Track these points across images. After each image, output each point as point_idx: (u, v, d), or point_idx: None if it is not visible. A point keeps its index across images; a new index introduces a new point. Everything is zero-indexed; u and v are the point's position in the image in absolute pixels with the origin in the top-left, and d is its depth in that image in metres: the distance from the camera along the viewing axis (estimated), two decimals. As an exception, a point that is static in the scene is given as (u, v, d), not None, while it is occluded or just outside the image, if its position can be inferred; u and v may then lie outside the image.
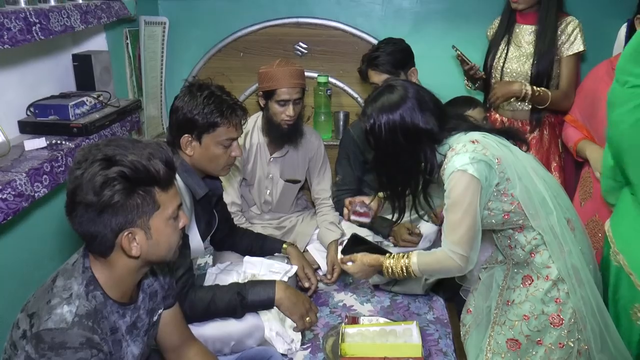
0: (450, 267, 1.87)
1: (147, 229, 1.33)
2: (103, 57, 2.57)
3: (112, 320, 1.38)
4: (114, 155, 1.28)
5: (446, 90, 2.80)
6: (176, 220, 1.40)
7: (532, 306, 1.93)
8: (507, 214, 1.88)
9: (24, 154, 2.04)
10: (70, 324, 1.27)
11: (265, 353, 1.88)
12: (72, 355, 1.25)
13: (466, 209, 1.80)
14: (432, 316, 2.39)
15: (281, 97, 2.55)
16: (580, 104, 2.46)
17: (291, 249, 2.47)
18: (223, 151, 1.99)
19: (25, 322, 1.29)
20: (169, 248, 1.40)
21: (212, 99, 1.94)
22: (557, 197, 1.94)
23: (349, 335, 2.15)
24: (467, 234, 1.83)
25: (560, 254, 1.89)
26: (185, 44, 3.28)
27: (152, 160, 1.30)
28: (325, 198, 2.86)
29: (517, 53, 2.58)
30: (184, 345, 1.69)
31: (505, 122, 2.72)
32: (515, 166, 1.85)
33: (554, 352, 1.92)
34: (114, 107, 2.45)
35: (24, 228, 2.06)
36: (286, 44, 3.24)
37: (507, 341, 1.96)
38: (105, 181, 1.25)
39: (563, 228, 1.89)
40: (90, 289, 1.34)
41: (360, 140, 2.74)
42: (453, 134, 1.90)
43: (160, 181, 1.32)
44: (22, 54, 2.22)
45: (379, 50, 2.61)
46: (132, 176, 1.27)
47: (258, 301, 1.96)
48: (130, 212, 1.29)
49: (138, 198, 1.29)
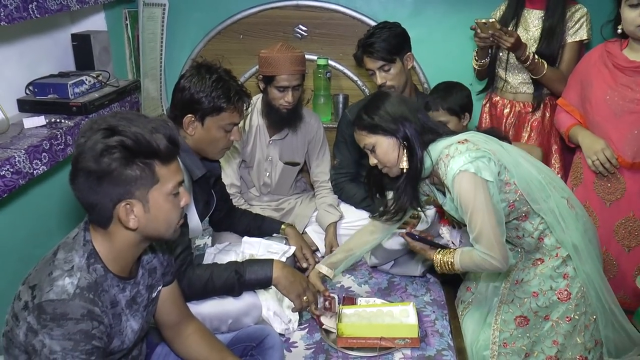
0: (489, 267, 1.87)
1: (145, 202, 1.33)
2: (102, 37, 2.57)
3: (112, 293, 1.39)
4: (117, 125, 1.29)
5: (445, 75, 2.81)
6: (177, 197, 1.40)
7: (541, 283, 1.97)
8: (512, 204, 1.90)
9: (23, 131, 2.05)
10: (71, 295, 1.28)
11: (262, 332, 1.88)
12: (73, 326, 1.26)
13: (481, 209, 1.78)
14: (429, 298, 2.40)
15: (280, 83, 2.54)
16: (574, 87, 2.45)
17: (289, 230, 2.47)
18: (223, 135, 1.99)
19: (27, 293, 1.30)
20: (167, 224, 1.40)
21: (220, 83, 1.94)
22: (552, 181, 1.96)
23: (346, 315, 2.17)
24: (493, 234, 1.81)
25: (563, 234, 1.91)
26: (185, 26, 3.26)
27: (154, 133, 1.31)
28: (324, 181, 2.86)
29: (524, 37, 2.57)
30: (182, 322, 1.70)
31: (507, 105, 2.71)
32: (507, 156, 1.87)
33: (561, 326, 1.96)
34: (113, 87, 2.45)
35: (23, 205, 2.07)
36: (286, 26, 3.22)
37: (516, 318, 2.01)
38: (105, 149, 1.26)
39: (562, 208, 1.92)
40: (91, 262, 1.35)
41: None
42: (441, 139, 1.91)
43: (160, 155, 1.32)
44: (21, 32, 2.22)
45: (374, 37, 2.54)
46: (132, 146, 1.28)
47: (255, 280, 1.97)
48: (129, 183, 1.30)
49: (137, 169, 1.30)
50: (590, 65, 2.37)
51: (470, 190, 1.78)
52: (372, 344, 2.03)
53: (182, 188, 1.41)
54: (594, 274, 1.95)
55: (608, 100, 2.27)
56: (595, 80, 2.32)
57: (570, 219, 1.94)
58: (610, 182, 2.32)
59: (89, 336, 1.28)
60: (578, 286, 1.94)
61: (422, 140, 1.89)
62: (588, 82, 2.35)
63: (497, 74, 2.73)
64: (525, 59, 2.48)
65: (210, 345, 1.69)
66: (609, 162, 2.25)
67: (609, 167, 2.26)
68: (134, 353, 1.59)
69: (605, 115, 2.29)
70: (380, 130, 1.90)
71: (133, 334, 1.48)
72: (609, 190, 2.33)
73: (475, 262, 1.87)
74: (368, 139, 1.93)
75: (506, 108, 2.72)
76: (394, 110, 1.90)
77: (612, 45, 2.30)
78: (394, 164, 1.93)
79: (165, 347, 1.81)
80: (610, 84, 2.27)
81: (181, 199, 1.41)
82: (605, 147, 2.26)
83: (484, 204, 1.78)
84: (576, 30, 2.53)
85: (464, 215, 1.83)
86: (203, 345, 1.68)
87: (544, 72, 2.50)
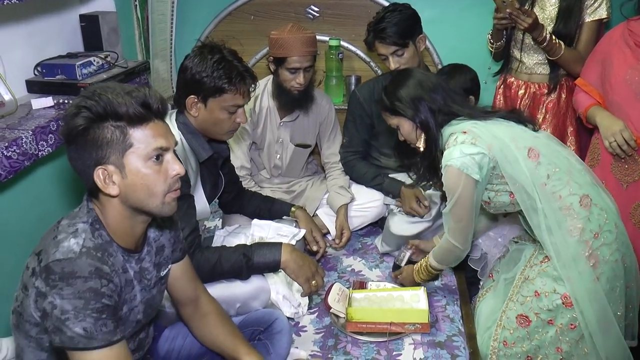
0: (453, 255, 2.08)
1: (122, 168, 1.31)
2: (110, 17, 2.55)
3: (119, 259, 1.38)
4: (94, 91, 1.30)
5: (460, 55, 2.76)
6: (159, 164, 1.34)
7: (543, 282, 1.91)
8: (512, 194, 1.91)
9: (31, 112, 2.05)
10: (77, 254, 1.27)
11: (270, 315, 1.87)
12: (82, 284, 1.25)
13: (457, 201, 1.91)
14: (440, 282, 2.38)
15: (292, 65, 2.50)
16: (593, 66, 2.37)
17: (299, 212, 2.45)
18: (227, 117, 1.96)
19: (34, 261, 1.30)
20: (148, 192, 1.34)
21: (222, 63, 1.90)
22: (571, 174, 1.90)
23: (356, 300, 2.15)
24: (457, 225, 1.98)
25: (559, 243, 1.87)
26: (196, 7, 3.22)
27: (126, 97, 1.29)
28: (335, 162, 2.83)
29: (541, 16, 2.50)
30: (198, 299, 1.69)
31: (522, 86, 2.65)
32: (506, 153, 1.87)
33: (565, 333, 1.89)
34: (121, 68, 2.43)
35: (28, 186, 2.08)
36: (297, 7, 3.17)
37: (517, 317, 1.95)
38: (74, 112, 1.28)
39: (558, 215, 1.87)
40: (96, 227, 1.34)
41: (366, 103, 2.69)
42: (454, 122, 1.97)
43: (128, 117, 1.29)
44: (29, 13, 2.21)
45: (385, 21, 2.47)
46: (99, 108, 1.27)
47: (263, 263, 1.95)
48: (100, 147, 1.29)
49: (107, 132, 1.29)
50: (612, 44, 2.29)
51: (454, 184, 1.89)
52: (382, 329, 2.01)
53: (169, 156, 1.36)
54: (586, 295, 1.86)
55: (628, 80, 2.20)
56: (616, 59, 2.24)
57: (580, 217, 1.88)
58: (627, 164, 2.26)
59: (99, 294, 1.26)
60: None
61: (437, 122, 1.98)
62: (609, 61, 2.28)
63: (512, 55, 2.67)
64: (542, 40, 2.41)
65: (226, 329, 1.68)
66: (626, 144, 2.19)
67: (627, 149, 2.20)
68: (141, 335, 1.58)
69: (624, 95, 2.22)
70: (400, 113, 2.02)
71: (142, 307, 1.48)
72: (626, 172, 2.27)
73: (446, 249, 2.07)
74: (391, 119, 2.08)
75: (521, 89, 2.66)
76: (410, 93, 2.00)
77: (634, 23, 2.23)
78: (415, 142, 2.06)
79: (173, 330, 1.82)
80: (632, 63, 2.20)
81: (169, 167, 1.36)
82: (623, 128, 2.20)
83: (463, 198, 1.90)
84: (595, 8, 2.46)
85: (447, 196, 1.96)
86: (219, 328, 1.67)
87: (561, 53, 2.44)
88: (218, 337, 1.67)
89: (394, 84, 2.05)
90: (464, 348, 1.98)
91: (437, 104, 1.97)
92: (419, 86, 2.00)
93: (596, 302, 1.85)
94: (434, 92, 1.99)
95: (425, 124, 1.98)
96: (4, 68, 2.08)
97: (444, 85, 2.04)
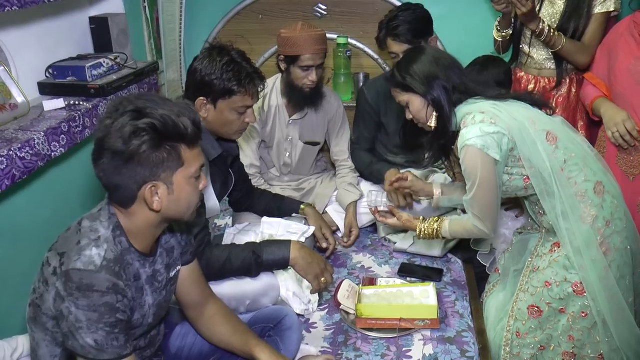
0: (478, 234, 1.99)
1: (169, 184, 1.36)
2: (120, 19, 2.57)
3: (135, 267, 1.42)
4: (144, 107, 1.31)
5: (468, 51, 2.76)
6: (197, 181, 1.42)
7: (554, 272, 1.91)
8: (527, 178, 1.87)
9: (43, 114, 2.07)
10: (99, 267, 1.30)
11: (280, 312, 1.89)
12: (98, 298, 1.29)
13: (480, 184, 1.83)
14: (449, 278, 2.38)
15: (305, 63, 2.51)
16: (601, 59, 2.38)
17: (309, 210, 2.46)
18: (237, 117, 1.98)
19: (56, 260, 1.33)
20: (188, 206, 1.43)
21: (231, 65, 1.92)
22: (586, 160, 1.89)
23: (366, 296, 2.16)
24: (485, 207, 1.89)
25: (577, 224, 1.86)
26: (204, 7, 3.24)
27: (181, 117, 1.33)
28: (344, 160, 2.84)
29: (550, 10, 2.50)
30: (205, 302, 1.71)
31: (531, 80, 2.65)
32: (524, 137, 1.83)
33: (577, 321, 1.89)
34: (131, 69, 2.45)
35: (41, 186, 2.11)
36: (305, 5, 3.18)
37: (529, 308, 1.95)
38: (134, 131, 1.27)
39: (572, 202, 1.85)
40: (117, 234, 1.38)
41: (374, 102, 2.70)
42: (470, 101, 1.91)
43: (187, 138, 1.34)
44: (40, 16, 2.23)
45: (399, 19, 2.48)
46: (161, 129, 1.29)
47: (273, 260, 1.97)
48: (156, 166, 1.32)
49: (164, 152, 1.32)
50: (618, 36, 2.30)
51: (474, 166, 1.82)
52: (392, 325, 2.02)
53: (202, 172, 1.43)
54: (598, 279, 1.86)
55: (632, 71, 2.21)
56: (622, 51, 2.25)
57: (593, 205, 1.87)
58: (632, 156, 2.26)
59: (114, 309, 1.31)
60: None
61: (451, 100, 1.91)
62: (614, 53, 2.29)
63: (521, 50, 2.66)
64: (539, 32, 2.41)
65: (233, 327, 1.70)
66: (629, 135, 2.19)
67: (629, 140, 2.20)
68: (152, 333, 1.61)
69: (628, 85, 2.23)
70: (411, 89, 1.93)
71: (153, 310, 1.51)
72: (631, 164, 2.27)
73: (466, 229, 1.99)
74: (401, 96, 1.99)
75: (530, 84, 2.65)
76: (425, 69, 1.91)
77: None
78: (425, 121, 1.97)
79: (184, 327, 1.83)
80: (636, 53, 2.20)
81: (200, 182, 1.43)
82: (626, 118, 2.19)
83: (485, 180, 1.82)
84: (603, 0, 2.45)
85: (467, 181, 1.89)
86: (226, 327, 1.69)
87: (561, 43, 2.43)
88: (226, 335, 1.69)
89: (408, 59, 1.98)
90: (473, 344, 1.98)
91: (452, 82, 1.90)
92: (434, 62, 1.92)
93: (608, 290, 1.85)
94: (450, 69, 1.92)
95: (438, 102, 1.90)
96: (16, 70, 2.11)
97: (459, 64, 1.99)
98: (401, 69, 1.96)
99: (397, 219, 2.17)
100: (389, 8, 2.84)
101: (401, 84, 1.95)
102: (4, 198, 1.93)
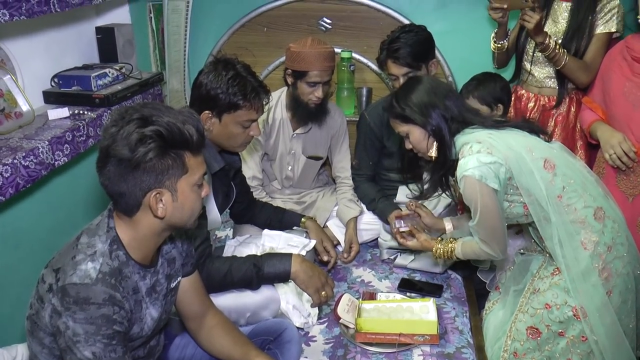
0: (487, 257, 2.00)
1: (174, 191, 1.36)
2: (126, 30, 2.59)
3: (133, 280, 1.41)
4: (150, 115, 1.32)
5: (470, 68, 2.77)
6: (200, 188, 1.43)
7: (554, 295, 1.90)
8: (526, 205, 1.88)
9: (47, 122, 2.09)
10: (94, 280, 1.30)
11: (280, 325, 1.89)
12: (95, 310, 1.29)
13: (482, 212, 1.85)
14: (449, 294, 2.38)
15: (312, 79, 2.50)
16: (597, 83, 2.41)
17: (310, 223, 2.46)
18: (242, 130, 1.99)
19: (51, 276, 1.33)
20: (191, 214, 1.43)
21: (236, 80, 1.93)
22: (585, 186, 1.89)
23: (366, 310, 2.16)
24: (490, 232, 1.90)
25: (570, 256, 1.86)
26: (209, 18, 3.26)
27: (186, 124, 1.34)
28: (346, 177, 2.84)
29: (553, 29, 2.52)
30: (205, 314, 1.71)
31: (532, 98, 2.66)
32: (522, 165, 1.84)
33: (576, 345, 1.88)
34: (136, 79, 2.47)
35: (45, 194, 2.11)
36: (310, 19, 3.20)
37: (527, 329, 1.95)
38: (141, 138, 1.28)
39: (568, 229, 1.85)
40: (113, 248, 1.38)
41: (376, 127, 2.67)
42: (467, 131, 1.92)
43: (192, 145, 1.36)
44: (47, 25, 2.25)
45: (400, 41, 2.45)
46: (167, 136, 1.31)
47: (274, 273, 1.97)
48: (161, 173, 1.33)
49: (170, 159, 1.33)
50: (611, 60, 2.34)
51: (474, 195, 1.83)
52: (391, 340, 2.01)
53: (204, 179, 1.44)
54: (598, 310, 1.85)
55: (626, 93, 2.23)
56: (614, 74, 2.28)
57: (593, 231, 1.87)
58: (631, 177, 2.27)
59: (111, 321, 1.31)
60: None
61: (450, 130, 1.93)
62: (607, 76, 2.32)
63: (523, 67, 2.67)
64: (545, 46, 2.42)
65: (233, 338, 1.70)
66: (626, 156, 2.20)
67: (627, 161, 2.21)
68: (151, 343, 1.61)
69: (623, 107, 2.25)
70: (410, 120, 1.95)
71: (152, 321, 1.50)
72: (631, 185, 2.28)
73: (475, 252, 2.00)
74: (401, 127, 2.00)
75: (530, 102, 2.66)
76: (423, 99, 1.93)
77: (632, 39, 2.28)
78: (426, 151, 1.99)
79: (184, 338, 1.83)
80: (628, 75, 2.23)
81: (203, 189, 1.44)
82: (622, 140, 2.21)
83: (486, 207, 1.83)
84: (606, 21, 2.46)
85: (470, 207, 1.90)
86: (226, 339, 1.69)
87: (564, 60, 2.44)
88: (226, 347, 1.69)
89: (405, 89, 2.00)
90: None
91: (450, 112, 1.92)
92: (431, 92, 1.94)
93: (606, 318, 1.84)
94: (447, 98, 1.94)
95: (439, 132, 1.91)
96: (22, 79, 2.13)
97: (456, 93, 2.01)
98: (400, 100, 1.97)
99: (417, 239, 2.19)
100: (393, 23, 2.87)
101: (401, 115, 1.96)
102: (8, 206, 1.94)
